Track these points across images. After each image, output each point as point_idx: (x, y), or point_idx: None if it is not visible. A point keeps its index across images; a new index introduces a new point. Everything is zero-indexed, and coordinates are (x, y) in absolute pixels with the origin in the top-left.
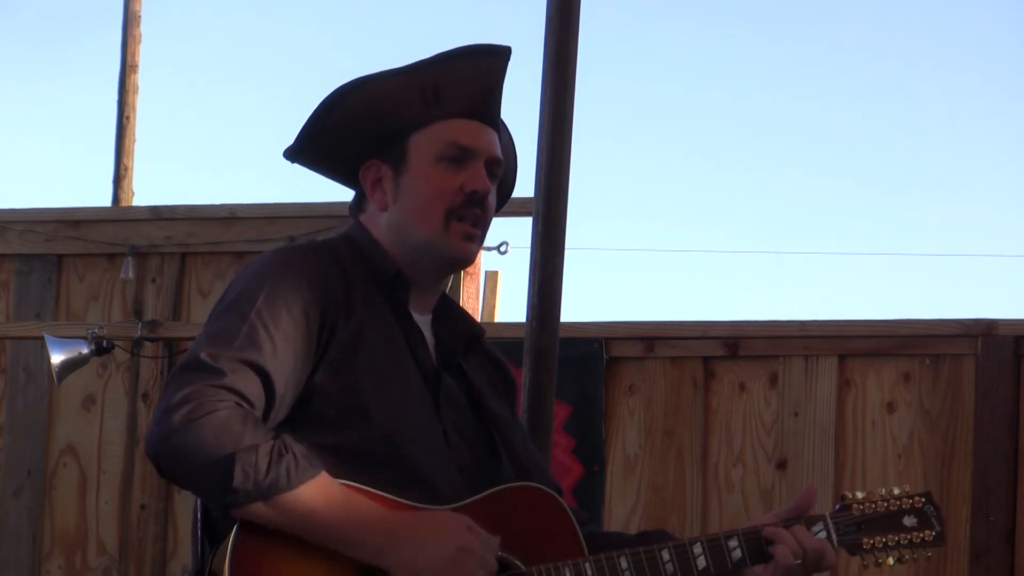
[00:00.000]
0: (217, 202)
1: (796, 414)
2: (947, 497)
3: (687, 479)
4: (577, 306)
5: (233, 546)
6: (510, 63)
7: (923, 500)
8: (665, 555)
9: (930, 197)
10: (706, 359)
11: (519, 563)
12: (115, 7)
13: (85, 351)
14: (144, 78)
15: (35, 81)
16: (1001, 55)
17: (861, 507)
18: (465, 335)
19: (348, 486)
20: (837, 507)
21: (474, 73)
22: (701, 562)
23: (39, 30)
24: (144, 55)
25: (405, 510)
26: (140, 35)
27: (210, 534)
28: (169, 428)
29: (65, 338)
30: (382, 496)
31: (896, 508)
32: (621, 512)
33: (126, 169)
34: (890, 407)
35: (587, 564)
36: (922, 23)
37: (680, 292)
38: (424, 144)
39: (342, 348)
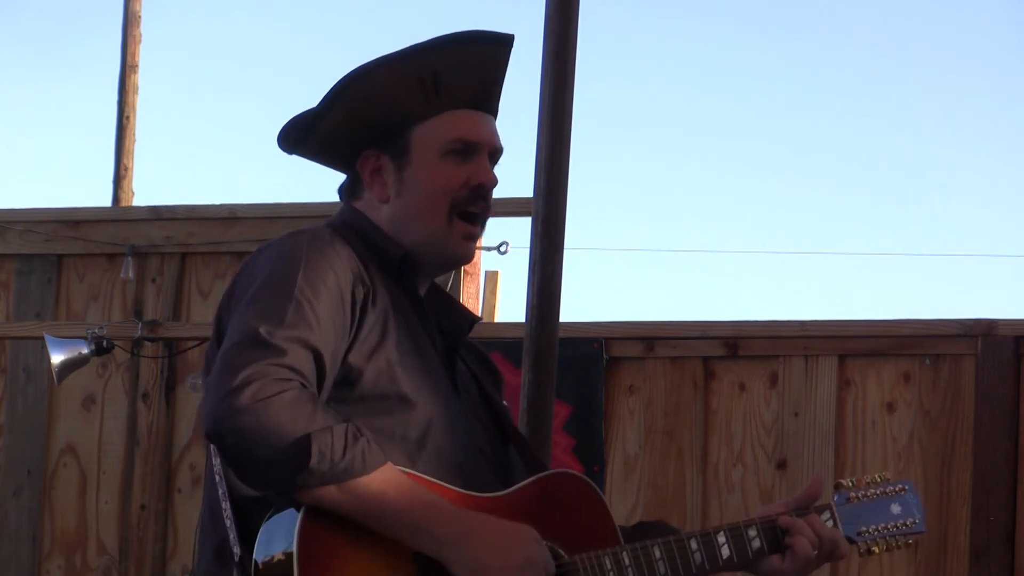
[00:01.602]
0: (217, 202)
1: (796, 414)
2: (947, 497)
3: (687, 479)
4: (577, 306)
5: (300, 534)
6: (512, 52)
7: (906, 489)
8: (693, 544)
9: (930, 197)
10: (706, 359)
11: (563, 552)
12: (115, 7)
13: (85, 351)
14: (144, 78)
15: (35, 81)
16: (1001, 55)
17: (856, 495)
18: (466, 322)
19: (411, 475)
20: (837, 497)
21: (477, 62)
22: (725, 551)
23: (39, 30)
24: (144, 55)
25: (473, 503)
26: (140, 35)
27: (241, 521)
28: (237, 407)
29: (65, 338)
30: (446, 487)
31: (883, 495)
32: (621, 512)
33: (126, 169)
34: (890, 407)
35: (625, 553)
36: (922, 23)
37: (680, 292)
38: (428, 137)
39: (372, 330)
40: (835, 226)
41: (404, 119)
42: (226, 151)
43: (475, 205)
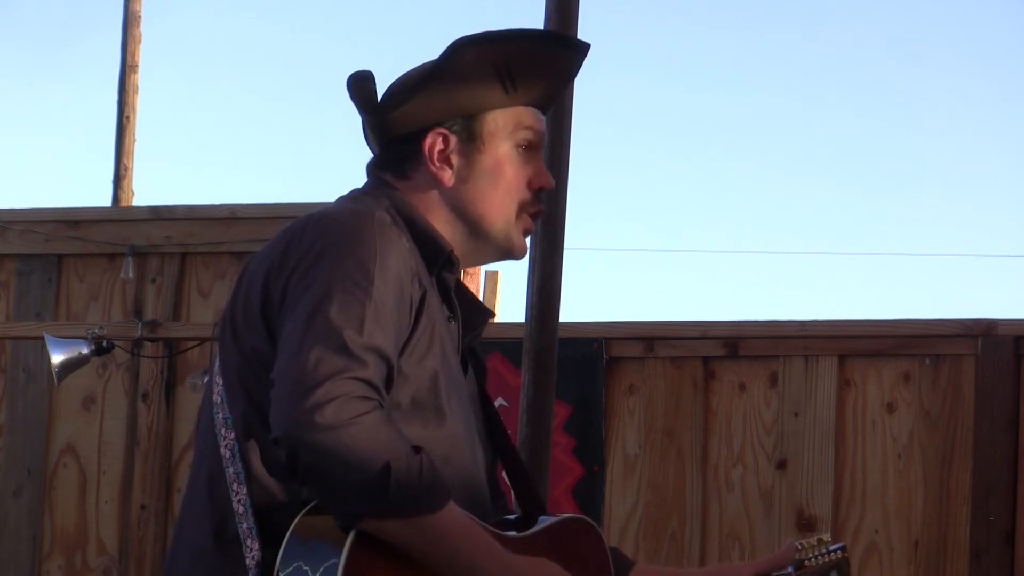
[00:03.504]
0: (217, 202)
1: (796, 414)
2: (947, 497)
3: (687, 479)
4: (577, 306)
5: (348, 559)
6: (584, 60)
7: (844, 555)
8: None
9: (930, 197)
10: (706, 359)
11: None
12: (115, 7)
13: (85, 351)
14: (144, 78)
15: (35, 81)
16: (1001, 55)
17: (809, 562)
18: (482, 318)
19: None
20: (791, 567)
21: (551, 62)
22: None
23: (39, 30)
24: (144, 55)
25: (510, 547)
26: (140, 35)
27: (257, 511)
28: (319, 424)
29: (65, 338)
30: (501, 535)
31: (827, 562)
32: (621, 512)
33: (126, 169)
34: (890, 407)
35: None
36: (922, 23)
37: (680, 292)
38: (503, 126)
39: (423, 333)
40: (835, 226)
41: (481, 104)
42: (226, 151)
43: (534, 207)
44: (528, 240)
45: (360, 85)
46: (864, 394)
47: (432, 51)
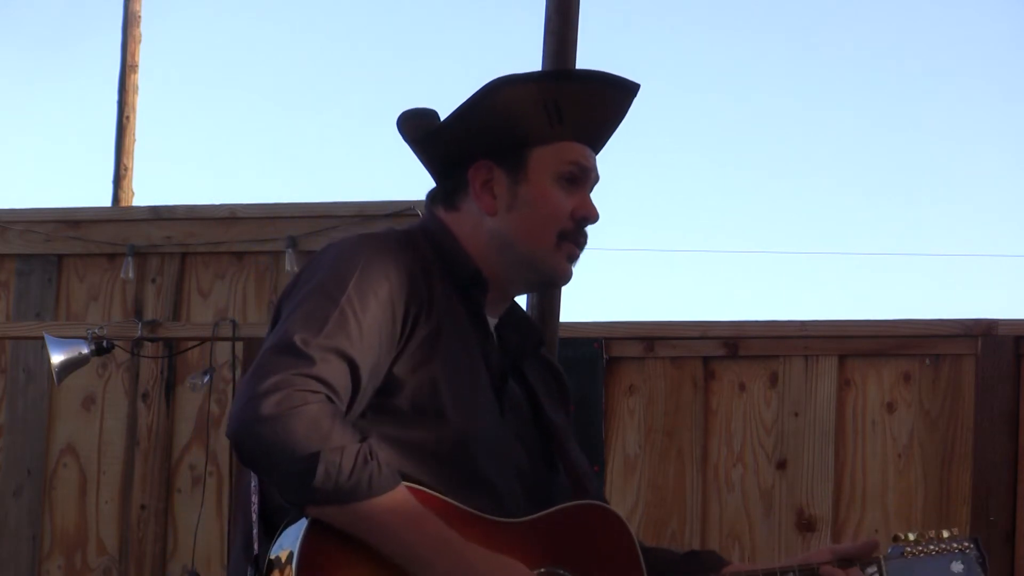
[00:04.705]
0: (217, 202)
1: (796, 414)
2: (947, 497)
3: (687, 479)
4: (577, 306)
5: (302, 543)
6: (634, 100)
7: (971, 546)
8: None
9: (930, 197)
10: (706, 359)
11: None
12: (115, 7)
13: (85, 351)
14: (144, 78)
15: (35, 81)
16: (1001, 55)
17: (913, 551)
18: (531, 340)
19: (419, 492)
20: (890, 550)
21: (599, 102)
22: None
23: (39, 30)
24: (144, 55)
25: (487, 528)
26: (140, 35)
27: (269, 518)
28: (258, 415)
29: (65, 338)
30: (455, 507)
31: (945, 552)
32: (621, 512)
33: (126, 169)
34: (890, 407)
35: None
36: (922, 23)
37: (680, 292)
38: (547, 160)
39: (422, 343)
40: (835, 226)
41: (526, 138)
42: (226, 151)
43: (578, 238)
44: (573, 265)
45: (410, 122)
46: (864, 394)
47: (431, 51)
